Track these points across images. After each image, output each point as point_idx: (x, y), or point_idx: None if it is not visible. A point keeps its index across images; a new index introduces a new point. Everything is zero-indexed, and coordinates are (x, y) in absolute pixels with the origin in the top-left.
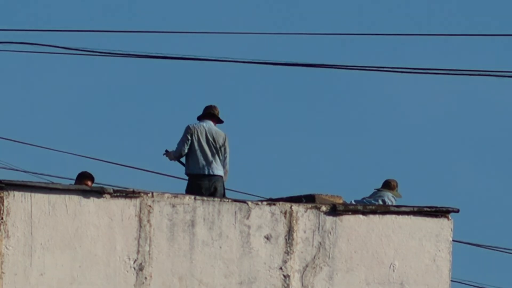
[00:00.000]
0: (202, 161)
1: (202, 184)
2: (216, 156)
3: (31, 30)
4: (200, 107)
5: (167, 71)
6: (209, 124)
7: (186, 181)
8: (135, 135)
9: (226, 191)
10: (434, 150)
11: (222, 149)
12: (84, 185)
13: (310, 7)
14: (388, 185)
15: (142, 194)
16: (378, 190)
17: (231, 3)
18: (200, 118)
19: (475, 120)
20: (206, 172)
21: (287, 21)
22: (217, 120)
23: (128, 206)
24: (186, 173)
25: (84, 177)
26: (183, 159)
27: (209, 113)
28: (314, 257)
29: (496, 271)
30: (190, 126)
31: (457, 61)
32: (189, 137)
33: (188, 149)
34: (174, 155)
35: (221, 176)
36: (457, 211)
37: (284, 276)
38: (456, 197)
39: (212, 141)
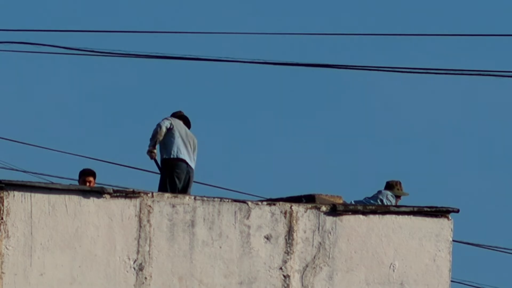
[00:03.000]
0: (185, 149)
1: (183, 170)
2: (193, 151)
3: (31, 30)
4: (200, 107)
5: (167, 71)
6: (183, 124)
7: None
8: (135, 135)
9: (226, 191)
10: (434, 150)
11: (195, 148)
12: (84, 185)
13: (310, 7)
14: (387, 185)
15: (142, 194)
16: (380, 191)
17: (232, 3)
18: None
19: (475, 120)
20: (188, 161)
21: (287, 21)
22: (187, 125)
23: (128, 206)
24: (167, 158)
25: (85, 173)
26: (158, 158)
27: (181, 115)
28: (314, 257)
29: (496, 271)
30: (169, 117)
31: (457, 61)
32: (170, 124)
33: (170, 135)
34: (154, 135)
35: (193, 169)
36: (457, 211)
37: (284, 276)
38: (456, 197)
39: (189, 138)
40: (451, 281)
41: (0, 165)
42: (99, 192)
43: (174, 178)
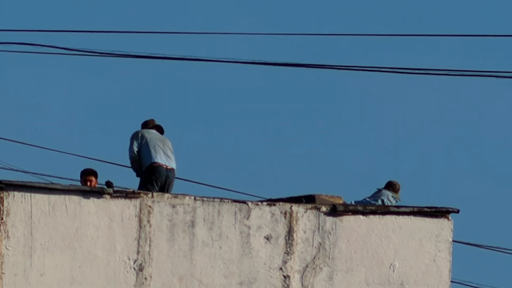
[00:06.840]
0: (156, 153)
1: (162, 175)
2: (170, 152)
3: (31, 30)
4: (200, 107)
5: (167, 71)
6: (154, 131)
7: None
8: None
9: (226, 191)
10: (434, 150)
11: (170, 149)
12: (86, 185)
13: (310, 7)
14: (389, 185)
15: (142, 195)
16: (379, 190)
17: (232, 3)
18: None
19: (475, 120)
20: (164, 163)
21: (287, 21)
22: (160, 131)
23: (128, 207)
24: (144, 168)
25: (86, 173)
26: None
27: (154, 126)
28: (314, 257)
29: (496, 271)
30: (136, 131)
31: (457, 61)
32: (138, 139)
33: (142, 147)
34: (131, 164)
35: (174, 169)
36: (457, 211)
37: (284, 276)
38: (456, 197)
39: (160, 141)
40: (451, 281)
41: (0, 165)
42: (99, 193)
43: (152, 182)
